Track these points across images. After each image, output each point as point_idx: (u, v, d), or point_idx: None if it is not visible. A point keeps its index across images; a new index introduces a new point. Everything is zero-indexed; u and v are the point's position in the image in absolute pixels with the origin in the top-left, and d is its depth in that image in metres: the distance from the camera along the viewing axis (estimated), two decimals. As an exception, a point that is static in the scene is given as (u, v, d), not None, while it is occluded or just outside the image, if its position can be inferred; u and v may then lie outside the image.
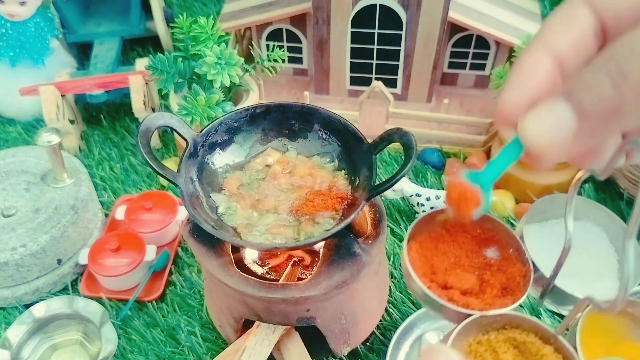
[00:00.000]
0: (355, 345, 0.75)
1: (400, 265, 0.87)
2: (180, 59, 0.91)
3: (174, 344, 0.80)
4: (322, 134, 0.71)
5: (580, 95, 0.24)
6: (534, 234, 0.77)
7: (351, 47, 1.04)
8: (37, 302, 0.81)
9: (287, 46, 1.12)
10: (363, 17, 0.99)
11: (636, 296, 0.78)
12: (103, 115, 1.15)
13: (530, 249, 0.57)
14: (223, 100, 0.90)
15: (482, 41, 1.06)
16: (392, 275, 0.86)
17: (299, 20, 1.08)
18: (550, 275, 0.52)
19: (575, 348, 0.49)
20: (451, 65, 1.11)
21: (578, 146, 0.25)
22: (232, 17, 1.11)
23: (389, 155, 1.05)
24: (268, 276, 0.73)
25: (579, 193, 0.96)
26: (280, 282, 0.70)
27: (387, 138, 0.63)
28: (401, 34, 1.00)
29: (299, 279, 0.72)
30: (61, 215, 0.84)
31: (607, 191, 0.97)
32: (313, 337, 0.70)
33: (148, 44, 1.30)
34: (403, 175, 0.58)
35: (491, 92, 0.96)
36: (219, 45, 0.88)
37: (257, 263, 0.75)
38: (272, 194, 0.67)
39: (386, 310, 0.80)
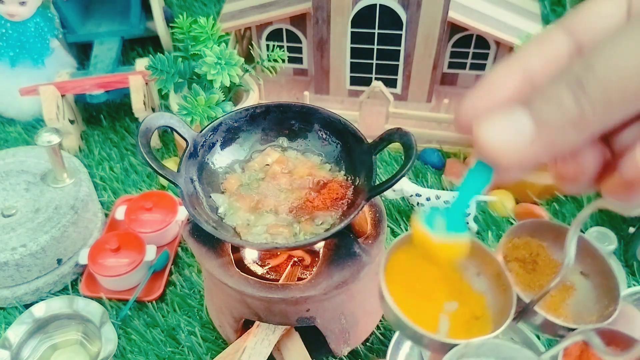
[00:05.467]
0: (355, 345, 0.75)
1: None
2: (180, 59, 0.91)
3: (174, 344, 0.80)
4: (322, 134, 0.71)
5: (539, 105, 0.24)
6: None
7: (351, 47, 1.04)
8: (37, 302, 0.81)
9: (287, 46, 1.12)
10: (363, 17, 0.99)
11: (635, 297, 0.78)
12: (103, 115, 1.15)
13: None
14: (223, 100, 0.90)
15: (482, 41, 1.05)
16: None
17: (299, 20, 1.08)
18: (531, 301, 0.51)
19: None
20: (451, 65, 1.11)
21: (536, 155, 0.25)
22: (232, 17, 1.11)
23: (389, 155, 1.05)
24: (268, 276, 0.73)
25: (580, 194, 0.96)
26: (280, 282, 0.70)
27: (387, 138, 0.63)
28: (401, 34, 1.00)
29: (299, 279, 0.72)
30: (61, 215, 0.83)
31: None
32: (313, 337, 0.70)
33: (148, 44, 1.30)
34: (403, 175, 0.58)
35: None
36: (219, 45, 0.88)
37: (257, 263, 0.75)
38: (271, 194, 0.67)
39: (386, 310, 0.80)
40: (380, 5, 0.97)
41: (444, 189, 0.97)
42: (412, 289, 0.50)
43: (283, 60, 0.96)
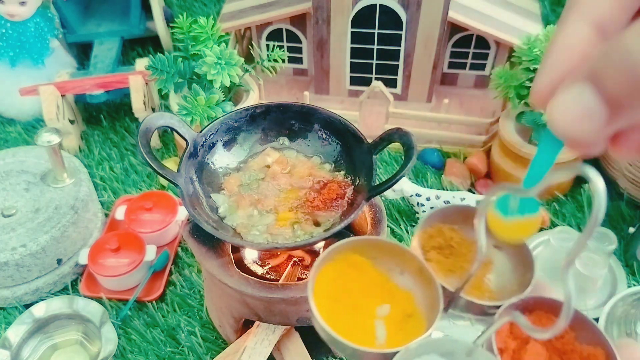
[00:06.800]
0: (355, 345, 0.75)
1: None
2: (180, 59, 0.91)
3: (174, 344, 0.80)
4: (322, 134, 0.71)
5: (607, 81, 0.20)
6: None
7: (351, 47, 1.04)
8: (37, 302, 0.81)
9: (287, 46, 1.12)
10: (363, 17, 0.99)
11: (635, 297, 0.78)
12: (103, 115, 1.15)
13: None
14: (223, 100, 0.90)
15: (482, 41, 1.05)
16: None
17: (299, 20, 1.08)
18: (456, 289, 0.51)
19: None
20: (451, 65, 1.11)
21: (611, 130, 0.22)
22: (232, 17, 1.11)
23: (389, 155, 1.05)
24: (268, 276, 0.73)
25: (580, 194, 0.96)
26: (280, 282, 0.70)
27: (387, 138, 0.63)
28: (401, 34, 1.00)
29: (299, 279, 0.72)
30: (61, 215, 0.83)
31: (607, 191, 0.97)
32: (313, 337, 0.70)
33: (148, 44, 1.30)
34: (403, 175, 0.58)
35: (491, 92, 0.96)
36: (219, 45, 0.88)
37: (257, 263, 0.75)
38: (271, 194, 0.67)
39: (386, 310, 0.80)
40: (380, 5, 0.97)
41: (444, 189, 0.97)
42: (344, 300, 0.50)
43: (283, 60, 0.96)
